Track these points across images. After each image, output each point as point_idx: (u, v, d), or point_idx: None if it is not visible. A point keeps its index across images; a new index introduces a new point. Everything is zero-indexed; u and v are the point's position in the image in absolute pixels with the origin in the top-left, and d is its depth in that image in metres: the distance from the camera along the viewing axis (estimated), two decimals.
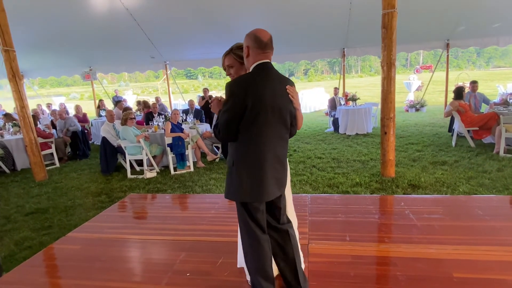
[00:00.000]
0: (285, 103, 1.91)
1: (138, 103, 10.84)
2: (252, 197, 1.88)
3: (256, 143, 1.86)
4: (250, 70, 1.93)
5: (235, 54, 2.07)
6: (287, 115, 1.93)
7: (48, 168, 6.77)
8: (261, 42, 1.88)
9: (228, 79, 2.09)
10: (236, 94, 1.82)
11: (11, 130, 7.63)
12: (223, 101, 1.94)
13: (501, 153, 5.73)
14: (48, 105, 12.42)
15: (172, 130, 6.15)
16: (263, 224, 1.97)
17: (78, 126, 8.16)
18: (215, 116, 2.09)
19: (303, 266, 2.35)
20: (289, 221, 2.10)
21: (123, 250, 3.03)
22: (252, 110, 1.81)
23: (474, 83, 7.76)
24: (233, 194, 1.93)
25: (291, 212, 2.30)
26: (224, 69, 2.18)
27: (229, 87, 1.85)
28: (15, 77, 5.79)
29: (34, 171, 6.17)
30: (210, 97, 10.19)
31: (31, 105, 7.25)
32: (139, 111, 9.89)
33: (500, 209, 3.42)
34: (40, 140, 6.75)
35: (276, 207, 2.02)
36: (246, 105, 1.80)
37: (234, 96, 1.82)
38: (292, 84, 2.00)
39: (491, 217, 3.18)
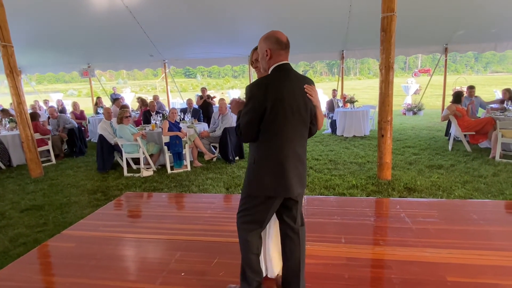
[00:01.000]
0: (304, 102, 1.95)
1: (139, 99, 10.82)
2: (276, 191, 1.92)
3: (276, 141, 1.92)
4: (270, 72, 1.98)
5: None
6: (306, 114, 1.97)
7: (44, 164, 6.75)
8: (281, 43, 1.96)
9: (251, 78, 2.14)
10: (256, 96, 1.88)
11: (8, 126, 7.59)
12: (240, 102, 2.05)
13: (497, 158, 5.77)
14: (45, 102, 12.37)
15: (170, 129, 6.14)
16: (268, 220, 2.04)
17: (74, 124, 8.13)
18: (235, 117, 2.18)
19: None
20: (303, 224, 2.12)
21: (118, 249, 3.03)
22: (272, 110, 1.86)
23: (471, 88, 7.80)
24: (257, 189, 1.95)
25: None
26: (251, 64, 2.30)
27: (250, 89, 1.92)
28: (12, 73, 5.76)
29: (30, 168, 6.14)
30: (208, 96, 10.17)
31: (28, 101, 7.22)
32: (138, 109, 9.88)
33: (495, 214, 3.44)
34: (37, 136, 6.72)
35: (294, 206, 2.04)
36: (266, 106, 1.86)
37: (254, 98, 1.88)
38: (311, 83, 2.03)
39: (485, 221, 3.20)
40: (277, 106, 1.86)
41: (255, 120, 1.89)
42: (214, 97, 11.08)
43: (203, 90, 10.36)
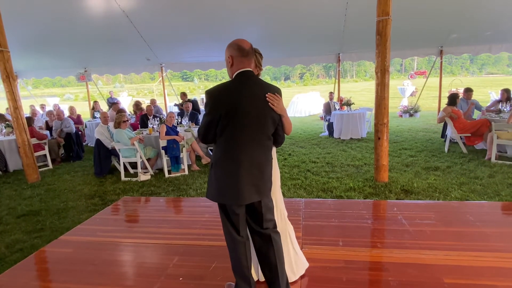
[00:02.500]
0: (264, 110, 1.94)
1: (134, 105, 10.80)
2: (225, 199, 1.96)
3: (230, 148, 1.94)
4: (233, 78, 2.01)
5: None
6: (266, 122, 1.96)
7: (41, 169, 6.72)
8: (243, 50, 1.97)
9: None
10: (212, 100, 1.95)
11: (4, 131, 7.55)
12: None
13: (493, 159, 5.81)
14: (42, 106, 12.33)
15: (167, 133, 6.13)
16: (239, 227, 2.05)
17: (73, 128, 8.11)
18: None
19: (295, 275, 2.36)
20: (274, 227, 2.11)
21: (115, 254, 3.02)
22: (226, 116, 1.90)
23: (468, 91, 7.85)
24: (210, 194, 2.02)
25: (282, 217, 2.31)
26: None
27: (207, 94, 1.97)
28: (9, 78, 5.75)
29: (27, 173, 6.11)
30: (189, 100, 9.62)
31: (25, 105, 7.19)
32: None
33: (491, 215, 3.46)
34: (34, 141, 6.70)
35: (257, 212, 2.04)
36: (220, 112, 1.90)
37: (210, 103, 1.95)
38: (275, 91, 2.00)
39: (482, 223, 3.22)
40: (231, 112, 1.89)
41: (210, 124, 1.95)
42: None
43: (182, 95, 9.98)
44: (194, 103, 9.73)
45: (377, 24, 4.73)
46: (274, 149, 2.23)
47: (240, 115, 1.90)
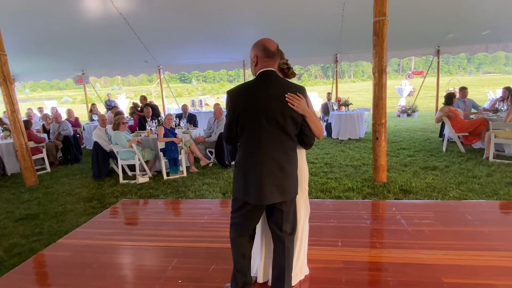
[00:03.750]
0: (283, 110, 1.91)
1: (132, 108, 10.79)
2: (249, 197, 1.94)
3: (250, 147, 1.95)
4: (254, 78, 2.03)
5: None
6: (286, 122, 1.92)
7: (39, 173, 6.70)
8: (268, 51, 1.97)
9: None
10: (230, 100, 1.98)
11: (1, 134, 7.53)
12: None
13: (491, 158, 5.83)
14: (40, 109, 12.30)
15: (165, 135, 6.13)
16: (252, 225, 2.08)
17: (71, 131, 8.09)
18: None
19: (295, 280, 2.34)
20: (291, 233, 2.08)
21: (114, 257, 3.01)
22: (243, 115, 1.92)
23: (463, 90, 7.89)
24: (236, 192, 2.03)
25: (301, 222, 2.25)
26: None
27: (227, 94, 2.01)
28: (6, 81, 5.74)
29: (25, 176, 6.09)
30: (148, 104, 9.00)
31: (22, 108, 7.18)
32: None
33: (489, 214, 3.47)
34: (31, 144, 6.68)
35: (277, 214, 2.02)
36: (238, 111, 1.93)
37: (229, 103, 1.99)
38: (298, 90, 1.96)
39: (480, 222, 3.22)
40: (249, 111, 1.91)
41: (231, 123, 1.98)
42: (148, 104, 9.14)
43: (142, 98, 9.42)
44: (154, 107, 8.99)
45: (374, 25, 4.74)
46: (302, 151, 2.19)
47: (257, 115, 1.90)
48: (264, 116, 1.89)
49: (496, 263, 2.51)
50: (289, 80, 2.15)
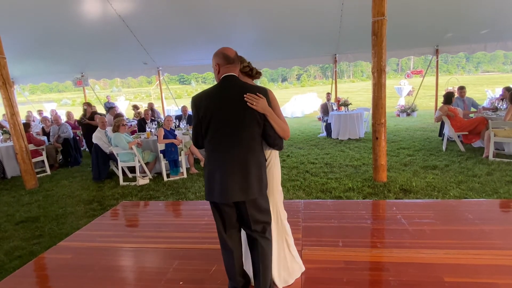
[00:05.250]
0: (244, 110, 1.97)
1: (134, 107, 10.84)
2: (213, 196, 2.03)
3: (214, 148, 2.04)
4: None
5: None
6: (248, 122, 1.98)
7: (39, 175, 6.70)
8: (228, 58, 2.06)
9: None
10: (193, 105, 2.08)
11: (1, 137, 7.53)
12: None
13: (490, 157, 5.83)
14: (40, 112, 12.30)
15: (165, 137, 6.13)
16: (226, 225, 2.12)
17: (70, 133, 8.09)
18: None
19: (292, 278, 2.36)
20: (263, 231, 2.10)
21: (115, 259, 3.01)
22: (204, 119, 2.01)
23: (462, 89, 7.89)
24: (205, 193, 2.12)
25: (279, 221, 2.29)
26: None
27: (191, 100, 2.11)
28: (5, 84, 5.74)
29: (25, 179, 6.09)
30: (96, 112, 8.48)
31: (22, 111, 7.17)
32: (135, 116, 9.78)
33: (490, 213, 3.47)
34: (31, 147, 6.67)
35: (244, 213, 2.07)
36: (199, 114, 2.03)
37: (192, 107, 2.09)
38: (257, 91, 2.00)
39: (481, 221, 3.22)
40: (209, 114, 1.99)
41: (196, 126, 2.08)
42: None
43: (86, 105, 8.43)
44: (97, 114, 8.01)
45: (372, 25, 4.75)
46: (272, 151, 2.23)
47: (218, 117, 1.98)
48: (226, 118, 1.98)
49: (496, 262, 2.51)
50: (254, 81, 2.28)
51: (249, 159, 1.99)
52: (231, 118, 1.97)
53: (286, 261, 2.36)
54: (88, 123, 7.97)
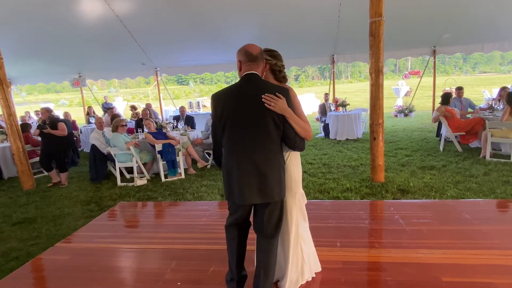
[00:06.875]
0: (262, 111, 1.92)
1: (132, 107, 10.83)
2: (230, 196, 2.04)
3: (232, 148, 2.01)
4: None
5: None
6: (266, 123, 1.93)
7: (36, 176, 6.67)
8: (250, 56, 2.00)
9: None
10: (212, 103, 2.08)
11: None
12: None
13: (487, 157, 5.85)
14: (37, 112, 12.24)
15: (156, 138, 6.11)
16: (238, 224, 2.15)
17: None
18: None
19: (303, 279, 2.33)
20: (272, 237, 2.07)
21: (113, 260, 3.00)
22: (224, 117, 1.99)
23: (459, 89, 7.93)
24: (224, 192, 2.13)
25: (296, 224, 2.22)
26: None
27: (211, 97, 2.10)
28: (2, 85, 5.72)
29: (22, 180, 6.06)
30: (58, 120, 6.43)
31: (19, 112, 7.14)
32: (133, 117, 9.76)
33: (487, 213, 3.49)
34: (28, 148, 6.64)
35: (260, 215, 2.07)
36: (217, 112, 2.03)
37: (212, 105, 2.09)
38: (276, 91, 1.94)
39: (478, 221, 3.24)
40: (229, 113, 1.97)
41: (214, 125, 2.09)
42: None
43: (45, 112, 6.33)
44: (67, 122, 6.60)
45: (370, 26, 4.76)
46: (294, 154, 2.20)
47: (236, 117, 1.95)
48: (244, 117, 1.95)
49: (494, 262, 2.52)
50: (278, 83, 2.20)
51: (266, 161, 1.95)
52: (248, 118, 1.94)
53: (298, 262, 2.29)
54: (49, 132, 6.06)
